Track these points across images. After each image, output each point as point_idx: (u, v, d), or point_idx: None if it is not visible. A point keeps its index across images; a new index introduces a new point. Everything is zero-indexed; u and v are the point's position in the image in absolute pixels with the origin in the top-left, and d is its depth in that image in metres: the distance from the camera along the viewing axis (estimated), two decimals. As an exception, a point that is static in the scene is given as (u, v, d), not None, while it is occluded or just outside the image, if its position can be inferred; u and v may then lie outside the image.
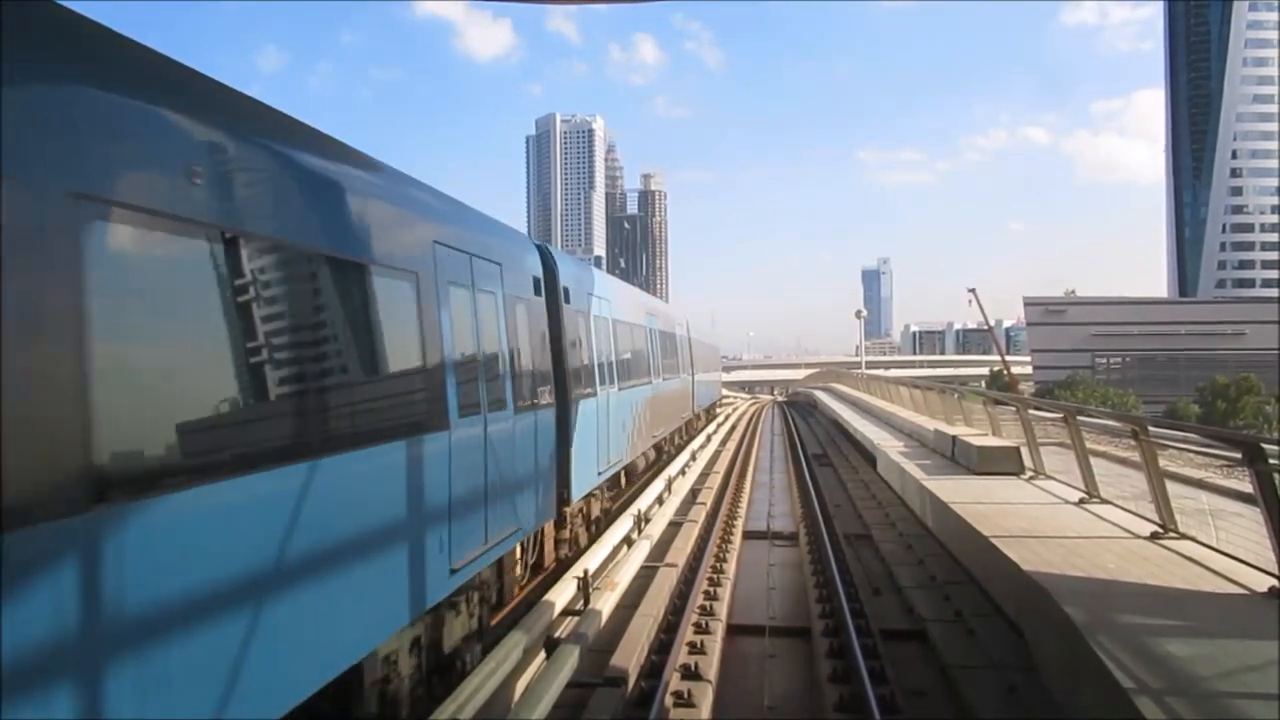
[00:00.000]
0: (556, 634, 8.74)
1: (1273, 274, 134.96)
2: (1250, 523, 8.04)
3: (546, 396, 9.89)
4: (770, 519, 16.84)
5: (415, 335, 6.41)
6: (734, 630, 9.84)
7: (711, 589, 10.93)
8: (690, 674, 8.07)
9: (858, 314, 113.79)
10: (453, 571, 6.88)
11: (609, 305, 14.61)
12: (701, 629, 9.36)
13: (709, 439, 29.95)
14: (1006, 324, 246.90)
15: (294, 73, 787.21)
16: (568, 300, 11.56)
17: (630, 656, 8.13)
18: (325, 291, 5.45)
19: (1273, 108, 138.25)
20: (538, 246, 11.07)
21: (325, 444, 5.05)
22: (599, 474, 13.02)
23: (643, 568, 11.44)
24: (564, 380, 10.92)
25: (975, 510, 10.65)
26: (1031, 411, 14.68)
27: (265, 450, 4.56)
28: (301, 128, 5.65)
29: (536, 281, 10.18)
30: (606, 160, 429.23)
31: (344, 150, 6.13)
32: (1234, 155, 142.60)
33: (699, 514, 15.57)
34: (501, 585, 9.39)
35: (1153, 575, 7.55)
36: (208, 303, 4.25)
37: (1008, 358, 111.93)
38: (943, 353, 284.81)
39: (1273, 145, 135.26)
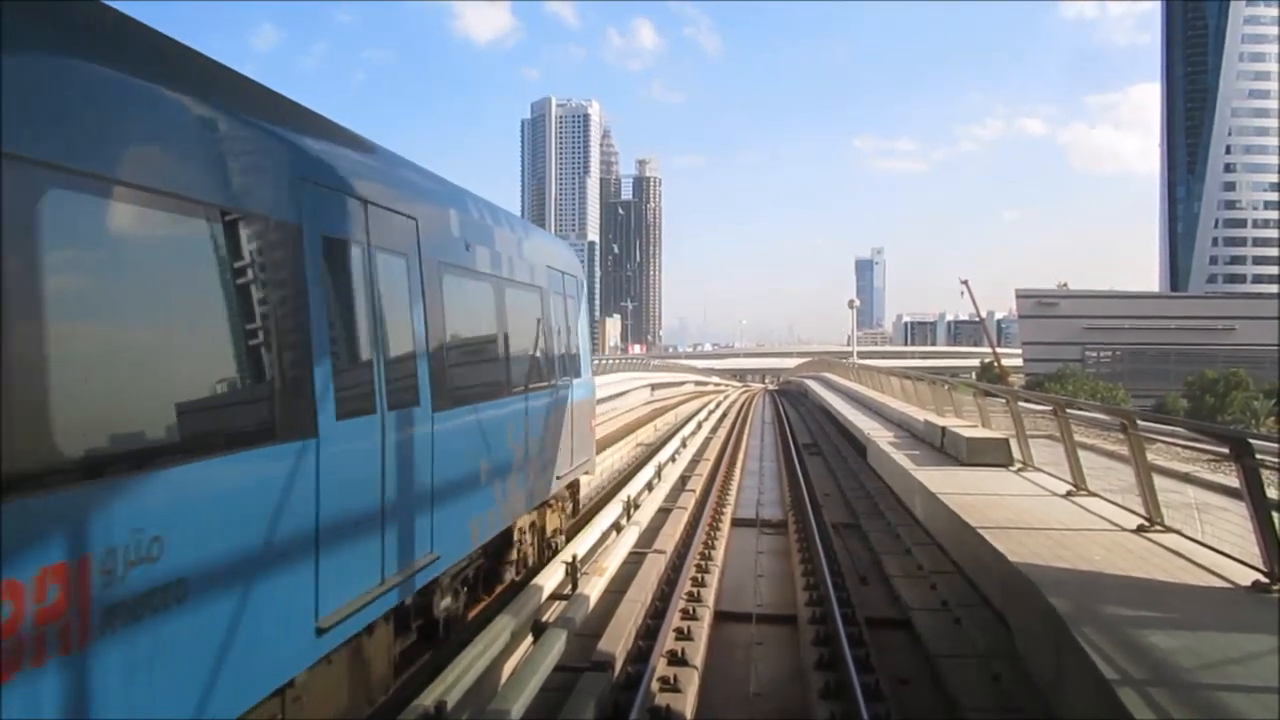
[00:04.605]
0: (544, 618, 8.74)
1: (1264, 270, 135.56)
2: (1235, 517, 8.08)
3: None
4: (759, 507, 16.88)
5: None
6: (721, 617, 9.88)
7: (699, 575, 10.95)
8: (677, 660, 8.09)
9: (850, 303, 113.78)
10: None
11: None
12: (689, 615, 9.38)
13: (699, 425, 29.97)
14: (998, 315, 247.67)
15: (289, 53, 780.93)
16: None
17: (617, 642, 8.14)
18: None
19: (1268, 103, 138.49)
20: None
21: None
22: None
23: (631, 554, 11.46)
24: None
25: (963, 501, 10.69)
26: (1021, 404, 14.72)
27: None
28: None
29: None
30: (602, 145, 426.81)
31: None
32: (1228, 150, 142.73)
33: (688, 501, 15.60)
34: None
35: (1138, 568, 7.59)
36: None
37: (999, 349, 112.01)
38: (934, 343, 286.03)
39: (1267, 141, 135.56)
